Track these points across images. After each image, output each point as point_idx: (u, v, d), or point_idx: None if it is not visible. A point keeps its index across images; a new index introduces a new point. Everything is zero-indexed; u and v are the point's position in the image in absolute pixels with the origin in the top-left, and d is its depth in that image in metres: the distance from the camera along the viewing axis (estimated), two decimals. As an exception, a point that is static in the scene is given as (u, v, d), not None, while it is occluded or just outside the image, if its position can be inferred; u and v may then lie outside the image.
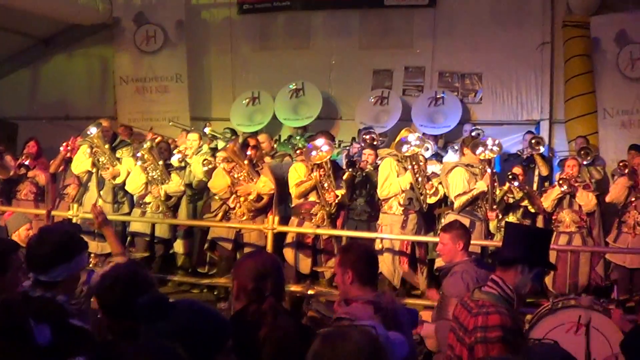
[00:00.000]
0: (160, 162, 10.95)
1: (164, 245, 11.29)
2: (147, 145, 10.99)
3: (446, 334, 4.41)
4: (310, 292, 8.16)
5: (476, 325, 3.96)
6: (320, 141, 9.99)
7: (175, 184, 11.03)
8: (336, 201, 10.02)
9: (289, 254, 10.14)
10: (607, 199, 10.43)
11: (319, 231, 10.00)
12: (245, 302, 3.74)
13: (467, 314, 4.11)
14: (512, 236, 4.33)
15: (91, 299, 4.08)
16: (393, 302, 4.29)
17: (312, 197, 10.15)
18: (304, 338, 3.57)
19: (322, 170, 9.89)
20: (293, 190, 10.22)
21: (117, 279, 3.51)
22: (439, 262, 8.64)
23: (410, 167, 9.80)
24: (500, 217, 9.92)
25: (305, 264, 10.08)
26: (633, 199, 10.23)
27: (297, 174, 10.20)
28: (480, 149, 9.56)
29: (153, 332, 2.48)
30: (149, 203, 11.10)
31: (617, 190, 10.30)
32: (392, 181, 9.91)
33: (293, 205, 10.46)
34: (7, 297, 3.49)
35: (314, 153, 9.82)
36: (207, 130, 12.51)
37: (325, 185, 9.96)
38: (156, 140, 11.58)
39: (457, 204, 9.50)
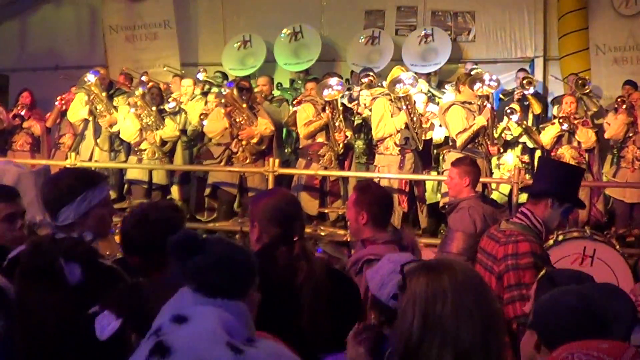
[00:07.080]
0: (154, 108, 10.88)
1: (162, 192, 11.26)
2: (139, 92, 10.89)
3: None
4: (322, 233, 8.14)
5: (506, 253, 4.07)
6: (333, 80, 9.93)
7: (169, 129, 10.97)
8: (345, 141, 9.99)
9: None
10: (606, 135, 10.47)
11: (320, 172, 9.96)
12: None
13: (494, 244, 4.19)
14: (544, 169, 4.40)
15: None
16: (414, 239, 4.31)
17: (320, 138, 10.09)
18: (334, 280, 3.55)
19: (334, 110, 9.81)
20: (302, 130, 10.14)
21: (148, 217, 3.49)
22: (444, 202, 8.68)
23: (404, 107, 9.75)
24: (501, 151, 9.98)
25: (312, 205, 10.02)
26: (631, 134, 10.27)
27: (306, 114, 10.10)
28: (478, 84, 9.52)
29: (189, 268, 2.43)
30: (145, 150, 11.03)
31: (616, 127, 10.31)
32: (386, 122, 9.76)
33: (301, 146, 10.44)
34: (36, 238, 3.49)
35: (326, 91, 9.76)
36: (201, 76, 12.38)
37: (337, 124, 9.88)
38: (148, 86, 11.44)
39: (460, 141, 9.42)
